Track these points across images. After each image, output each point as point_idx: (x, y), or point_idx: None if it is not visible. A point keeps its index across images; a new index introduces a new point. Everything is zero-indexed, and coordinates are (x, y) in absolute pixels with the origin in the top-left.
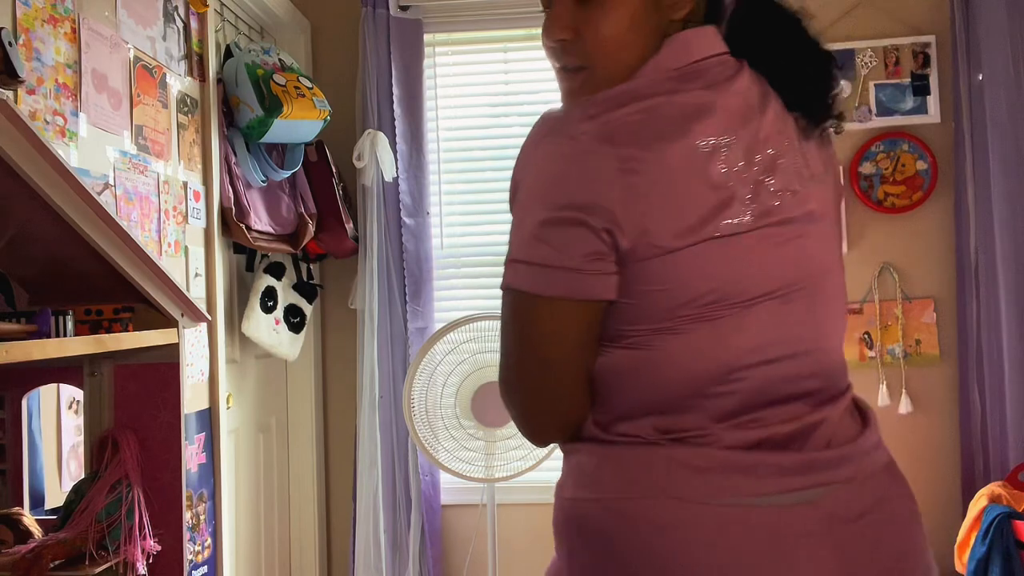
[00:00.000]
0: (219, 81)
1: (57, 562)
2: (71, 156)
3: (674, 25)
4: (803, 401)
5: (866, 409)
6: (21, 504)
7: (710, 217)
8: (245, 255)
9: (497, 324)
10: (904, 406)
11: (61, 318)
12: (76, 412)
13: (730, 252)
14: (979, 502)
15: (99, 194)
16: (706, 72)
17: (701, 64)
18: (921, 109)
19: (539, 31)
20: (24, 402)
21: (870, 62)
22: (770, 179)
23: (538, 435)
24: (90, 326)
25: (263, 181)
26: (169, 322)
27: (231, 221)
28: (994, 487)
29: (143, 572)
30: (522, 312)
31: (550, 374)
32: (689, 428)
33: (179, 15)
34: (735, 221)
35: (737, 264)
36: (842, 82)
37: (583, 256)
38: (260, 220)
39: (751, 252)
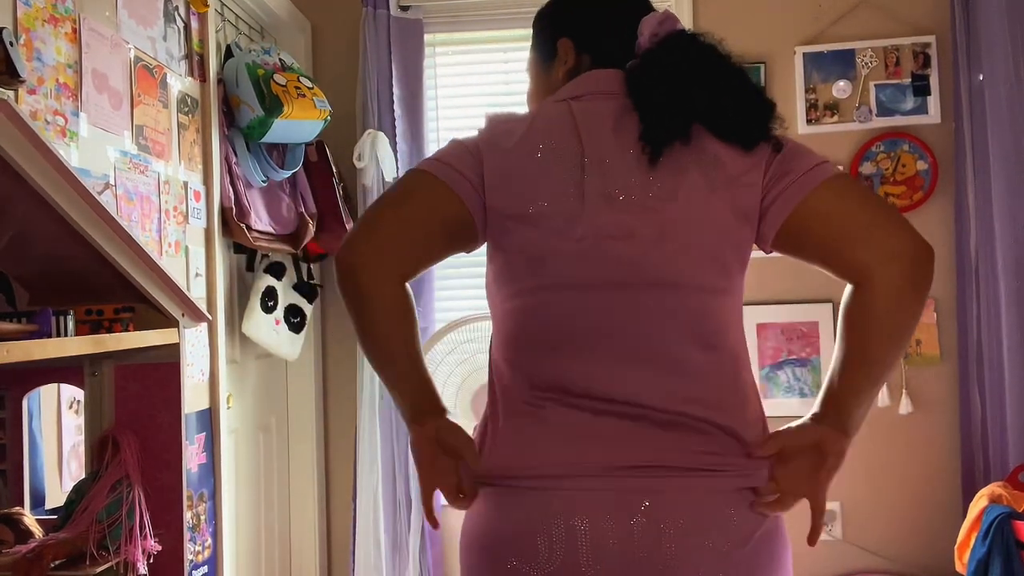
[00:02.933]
0: (219, 81)
1: (57, 562)
2: (72, 156)
3: (559, 81)
4: None
5: None
6: (21, 504)
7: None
8: (245, 255)
9: None
10: (904, 406)
11: (61, 318)
12: (76, 412)
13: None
14: (979, 502)
15: (99, 194)
16: (567, 104)
17: (567, 101)
18: (921, 109)
19: None
20: (24, 402)
21: (870, 62)
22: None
23: (349, 254)
24: (90, 326)
25: (263, 181)
26: (169, 322)
27: (231, 221)
28: (994, 487)
29: (143, 572)
30: (410, 178)
31: (397, 218)
32: None
33: (179, 15)
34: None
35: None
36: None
37: (464, 166)
38: (260, 220)
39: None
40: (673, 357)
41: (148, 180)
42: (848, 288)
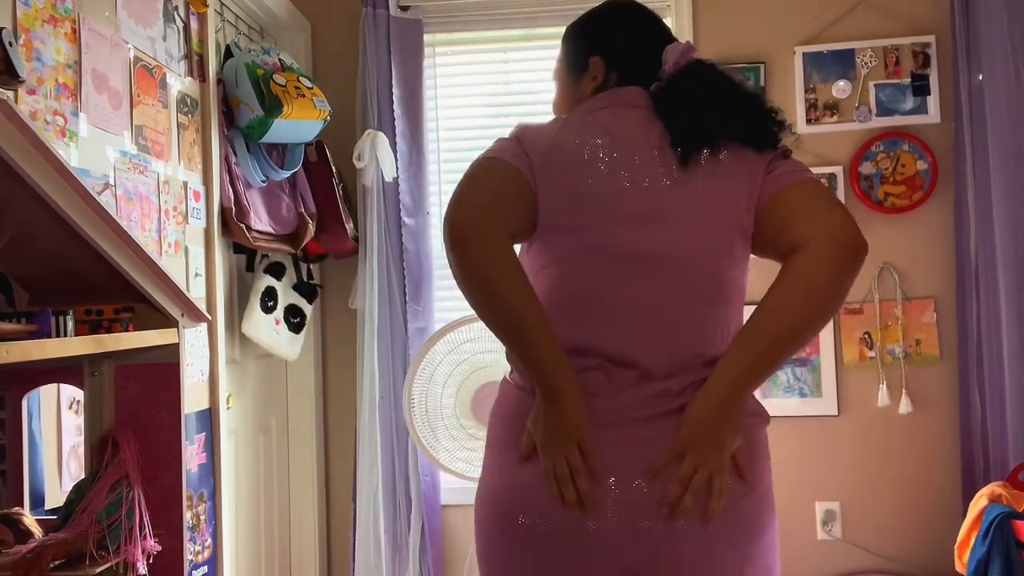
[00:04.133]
0: (219, 81)
1: (57, 562)
2: (71, 156)
3: (588, 94)
4: None
5: None
6: (21, 504)
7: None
8: (245, 255)
9: None
10: (904, 406)
11: (61, 318)
12: (76, 412)
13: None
14: (979, 502)
15: (99, 194)
16: (600, 112)
17: (598, 111)
18: (921, 109)
19: (539, 31)
20: (24, 402)
21: (870, 62)
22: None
23: (460, 217)
24: (90, 326)
25: (263, 181)
26: (169, 322)
27: (231, 221)
28: (994, 487)
29: (143, 572)
30: (483, 162)
31: (489, 187)
32: None
33: (179, 15)
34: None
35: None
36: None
37: (519, 153)
38: (260, 220)
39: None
40: (684, 320)
41: (148, 180)
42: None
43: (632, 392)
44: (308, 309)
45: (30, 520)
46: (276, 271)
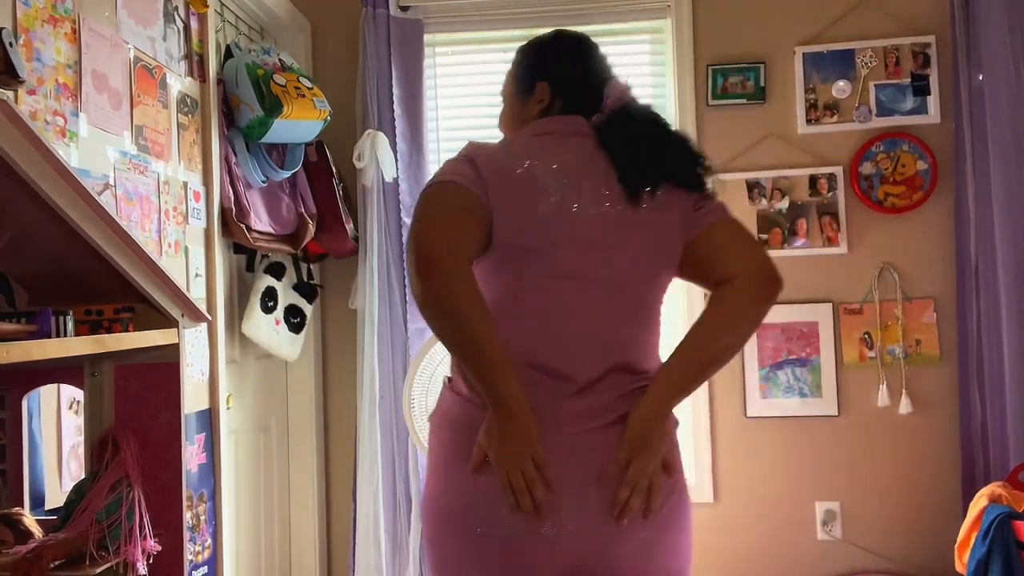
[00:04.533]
0: (219, 81)
1: (57, 562)
2: (71, 156)
3: (533, 116)
4: None
5: None
6: (21, 504)
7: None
8: (245, 255)
9: None
10: (904, 406)
11: (61, 318)
12: (76, 412)
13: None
14: (979, 502)
15: (99, 194)
16: (547, 137)
17: (545, 135)
18: (921, 109)
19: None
20: (24, 402)
21: (870, 62)
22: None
23: (427, 247)
24: (90, 326)
25: (263, 181)
26: (169, 322)
27: (231, 221)
28: (994, 487)
29: (143, 572)
30: (438, 188)
31: (448, 214)
32: None
33: (179, 15)
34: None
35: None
36: None
37: (472, 174)
38: (260, 220)
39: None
40: (615, 337)
41: (148, 180)
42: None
43: (571, 404)
44: (308, 309)
45: (30, 520)
46: (276, 271)
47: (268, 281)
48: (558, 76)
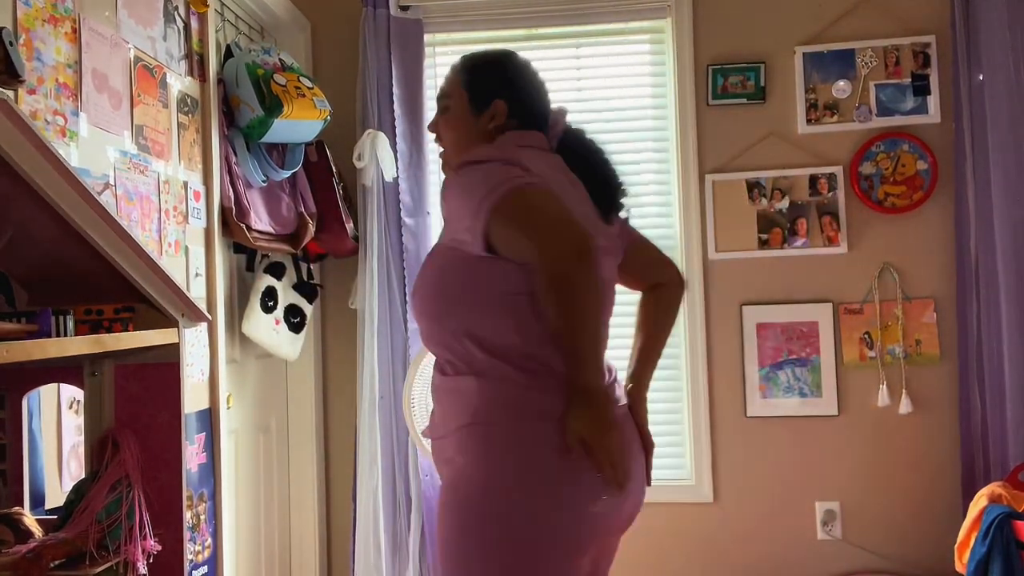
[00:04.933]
0: (219, 81)
1: (57, 562)
2: (71, 156)
3: (490, 133)
4: None
5: None
6: (21, 504)
7: None
8: (245, 255)
9: None
10: (904, 406)
11: (61, 318)
12: (76, 412)
13: None
14: (979, 502)
15: (99, 194)
16: (528, 150)
17: (524, 148)
18: (921, 109)
19: (539, 31)
20: (24, 402)
21: (870, 62)
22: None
23: (583, 236)
24: (90, 326)
25: (263, 181)
26: (169, 322)
27: (231, 221)
28: (994, 487)
29: (143, 572)
30: (540, 189)
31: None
32: None
33: (179, 15)
34: None
35: None
36: None
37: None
38: (260, 220)
39: None
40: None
41: (148, 180)
42: (642, 294)
43: (612, 388)
44: (308, 309)
45: (30, 520)
46: (276, 271)
47: (268, 281)
48: (514, 95)
